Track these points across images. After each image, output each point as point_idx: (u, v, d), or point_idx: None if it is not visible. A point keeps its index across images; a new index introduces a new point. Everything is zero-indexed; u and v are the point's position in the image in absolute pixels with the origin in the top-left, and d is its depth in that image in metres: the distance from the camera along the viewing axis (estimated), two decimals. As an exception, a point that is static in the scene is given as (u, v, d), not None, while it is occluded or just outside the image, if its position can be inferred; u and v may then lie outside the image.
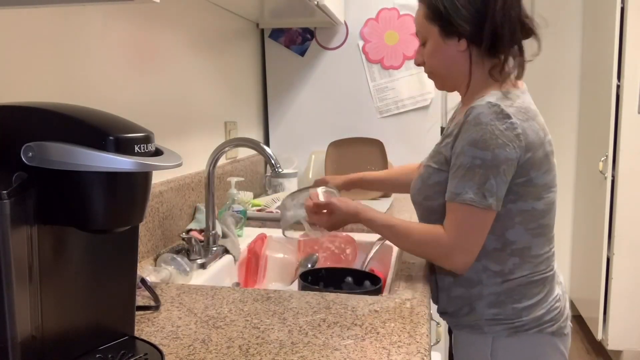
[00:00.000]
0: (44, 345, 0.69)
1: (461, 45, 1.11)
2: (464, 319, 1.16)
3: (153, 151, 0.69)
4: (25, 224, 0.64)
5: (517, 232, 1.08)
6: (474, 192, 1.02)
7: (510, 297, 1.10)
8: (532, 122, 1.04)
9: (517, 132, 1.01)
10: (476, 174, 1.02)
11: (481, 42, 1.09)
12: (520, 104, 1.05)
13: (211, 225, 1.37)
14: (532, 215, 1.08)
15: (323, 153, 2.17)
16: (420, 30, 1.16)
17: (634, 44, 2.61)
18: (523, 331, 1.10)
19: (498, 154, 1.00)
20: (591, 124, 3.08)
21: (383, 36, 2.19)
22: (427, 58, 1.16)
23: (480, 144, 1.01)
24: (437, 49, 1.14)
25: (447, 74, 1.16)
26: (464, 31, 1.09)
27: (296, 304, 1.00)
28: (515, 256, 1.10)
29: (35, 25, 0.98)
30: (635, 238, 2.76)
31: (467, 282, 1.13)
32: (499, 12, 1.06)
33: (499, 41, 1.08)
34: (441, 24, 1.11)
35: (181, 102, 1.54)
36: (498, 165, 1.01)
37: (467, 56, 1.12)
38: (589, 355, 3.00)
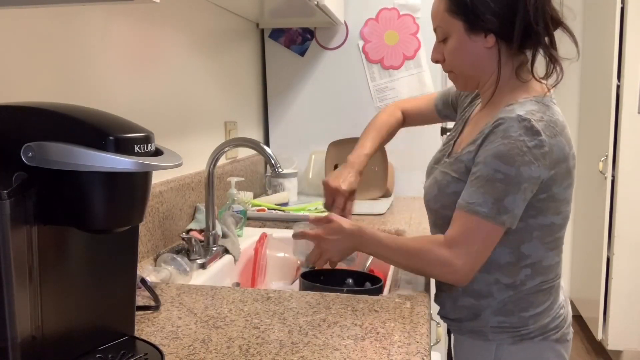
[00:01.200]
0: (44, 345, 0.69)
1: (488, 41, 1.03)
2: (467, 325, 1.12)
3: (153, 151, 0.69)
4: (25, 224, 0.64)
5: (533, 246, 1.04)
6: (489, 207, 0.96)
7: (518, 305, 1.07)
8: (560, 137, 0.98)
9: (545, 150, 0.95)
10: (496, 188, 0.96)
11: (510, 38, 1.01)
12: (550, 117, 0.99)
13: (211, 225, 1.37)
14: (550, 230, 1.04)
15: (323, 153, 2.17)
16: (441, 25, 1.07)
17: (634, 44, 2.61)
18: (528, 339, 1.07)
19: (523, 171, 0.95)
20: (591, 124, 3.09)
21: (383, 36, 2.19)
22: (449, 56, 1.08)
23: (506, 158, 0.95)
24: (461, 45, 1.05)
25: (472, 73, 1.08)
26: (493, 25, 1.01)
27: (296, 304, 1.00)
28: (528, 268, 1.06)
29: (35, 25, 0.98)
30: (635, 238, 2.76)
31: (477, 293, 1.09)
32: (533, 5, 0.99)
33: (531, 37, 1.02)
34: (467, 18, 1.02)
35: (181, 102, 1.54)
36: (520, 182, 0.95)
37: (494, 53, 1.04)
38: (589, 355, 3.00)
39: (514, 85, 1.06)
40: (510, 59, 1.05)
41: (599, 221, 2.86)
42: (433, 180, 1.13)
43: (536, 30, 1.01)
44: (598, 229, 2.86)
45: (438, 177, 1.11)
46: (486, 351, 1.10)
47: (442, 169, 1.11)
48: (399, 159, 2.19)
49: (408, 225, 1.63)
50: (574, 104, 3.32)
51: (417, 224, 1.65)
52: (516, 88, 1.06)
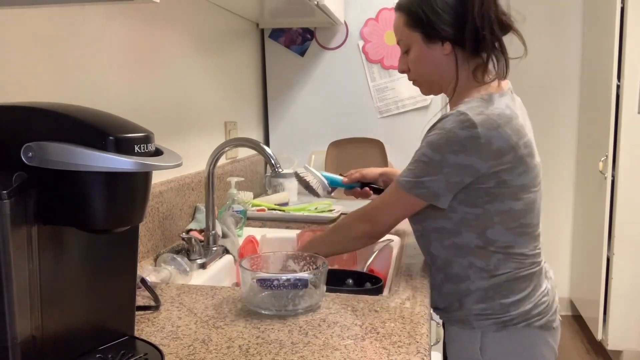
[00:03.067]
0: (44, 345, 0.69)
1: (445, 48, 1.13)
2: (454, 314, 1.19)
3: (153, 151, 0.69)
4: (25, 224, 0.64)
5: (497, 232, 1.11)
6: (407, 180, 1.09)
7: (498, 292, 1.13)
8: (502, 129, 1.04)
9: (480, 142, 1.03)
10: (418, 168, 1.08)
11: (464, 44, 1.11)
12: (493, 111, 1.06)
13: (211, 225, 1.37)
14: (512, 215, 1.10)
15: (323, 153, 2.17)
16: (402, 38, 1.18)
17: (634, 44, 2.61)
18: (511, 325, 1.13)
19: (447, 157, 1.04)
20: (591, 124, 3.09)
21: (383, 36, 2.19)
22: (413, 65, 1.18)
23: (434, 145, 1.06)
24: (422, 54, 1.16)
25: (434, 78, 1.18)
26: (447, 34, 1.11)
27: (296, 304, 1.00)
28: (499, 253, 1.12)
29: (35, 25, 0.98)
30: (635, 238, 2.76)
31: (456, 278, 1.16)
32: (478, 12, 1.08)
33: (481, 41, 1.10)
34: (423, 30, 1.13)
35: (181, 102, 1.54)
36: (442, 167, 1.05)
37: (452, 59, 1.14)
38: (589, 355, 3.00)
39: (471, 86, 1.15)
40: (466, 62, 1.15)
41: (599, 221, 2.86)
42: None
43: (483, 35, 1.09)
44: (598, 229, 2.86)
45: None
46: (472, 339, 1.15)
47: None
48: (399, 158, 2.19)
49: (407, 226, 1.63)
50: (574, 104, 3.32)
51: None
52: (472, 88, 1.14)
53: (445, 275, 1.18)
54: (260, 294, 0.97)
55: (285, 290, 0.96)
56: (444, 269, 1.18)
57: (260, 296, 0.98)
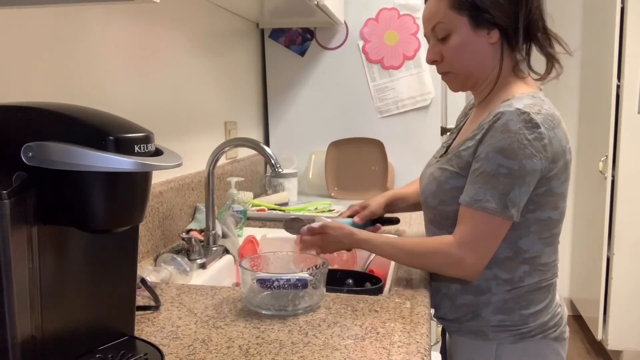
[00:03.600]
0: (44, 345, 0.69)
1: (492, 37, 1.03)
2: (466, 325, 1.12)
3: (153, 151, 0.69)
4: (25, 224, 0.64)
5: (530, 241, 1.05)
6: (496, 202, 0.97)
7: (518, 303, 1.07)
8: (558, 130, 0.99)
9: (544, 142, 0.96)
10: (500, 183, 0.96)
11: (514, 34, 1.02)
12: (547, 110, 0.99)
13: (211, 225, 1.37)
14: (547, 225, 1.05)
15: (323, 153, 2.17)
16: (444, 21, 1.05)
17: (634, 44, 2.61)
18: (529, 337, 1.07)
19: (525, 164, 0.95)
20: (591, 124, 3.09)
21: (383, 36, 2.19)
22: (451, 53, 1.06)
23: (508, 152, 0.95)
24: (466, 41, 1.04)
25: (472, 70, 1.08)
26: (499, 21, 1.01)
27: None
28: (526, 264, 1.06)
29: (35, 25, 0.98)
30: (635, 238, 2.76)
31: (476, 289, 1.09)
32: (537, 3, 1.01)
33: (533, 34, 1.03)
34: (472, 13, 1.02)
35: (181, 102, 1.54)
36: (524, 175, 0.96)
37: (497, 49, 1.05)
38: (589, 355, 3.00)
39: (510, 82, 1.07)
40: (510, 55, 1.06)
41: (599, 221, 2.86)
42: (431, 177, 1.12)
43: (537, 26, 1.03)
44: (598, 229, 2.86)
45: (436, 174, 1.11)
46: (486, 351, 1.09)
47: (440, 166, 1.11)
48: (399, 158, 2.19)
49: (408, 225, 1.63)
50: (574, 104, 3.32)
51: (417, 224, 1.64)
52: (512, 84, 1.07)
53: (462, 286, 1.10)
54: (260, 294, 0.98)
55: (285, 290, 0.96)
56: (462, 280, 1.09)
57: (260, 296, 0.98)
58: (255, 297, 0.98)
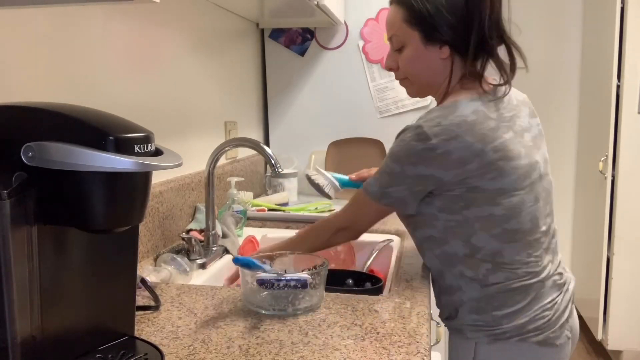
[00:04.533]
0: (44, 345, 0.69)
1: (443, 52, 1.08)
2: (451, 323, 1.16)
3: (153, 151, 0.69)
4: (25, 224, 0.64)
5: (481, 238, 1.06)
6: (376, 188, 1.09)
7: (490, 304, 1.08)
8: (462, 137, 1.00)
9: (436, 152, 1.01)
10: (382, 178, 1.09)
11: (464, 50, 1.06)
12: (452, 120, 1.01)
13: (211, 225, 1.37)
14: (491, 221, 1.05)
15: (323, 153, 2.17)
16: (398, 34, 1.11)
17: (634, 44, 2.61)
18: (504, 339, 1.08)
19: (406, 169, 1.04)
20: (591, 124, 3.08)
21: (383, 36, 2.19)
22: (405, 64, 1.13)
23: (394, 156, 1.06)
24: (417, 55, 1.10)
25: (425, 81, 1.13)
26: (449, 38, 1.06)
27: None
28: (487, 262, 1.07)
29: (35, 25, 0.98)
30: (635, 238, 2.76)
31: (449, 289, 1.13)
32: (488, 20, 1.03)
33: (485, 49, 1.06)
34: (424, 29, 1.07)
35: (181, 102, 1.54)
36: (403, 178, 1.05)
37: (448, 64, 1.09)
38: (589, 355, 3.00)
39: (454, 91, 1.10)
40: (460, 68, 1.10)
41: (599, 221, 2.86)
42: None
43: (490, 44, 1.05)
44: (598, 229, 2.86)
45: None
46: (466, 349, 1.12)
47: None
48: (399, 159, 2.19)
49: (408, 225, 1.63)
50: (574, 104, 3.32)
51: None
52: (454, 94, 1.09)
53: (439, 286, 1.17)
54: (260, 294, 0.98)
55: (285, 290, 0.96)
56: (438, 280, 1.16)
57: (260, 296, 0.98)
58: (255, 297, 0.98)
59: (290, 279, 0.95)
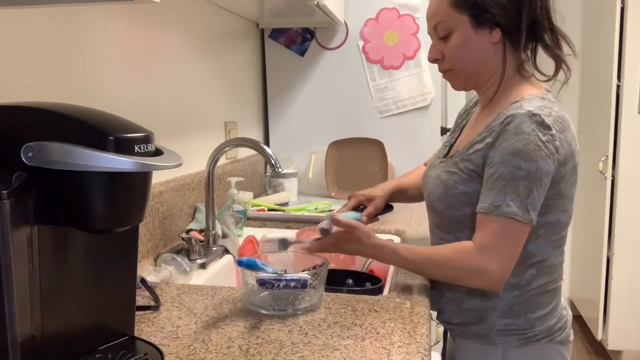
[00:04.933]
0: (44, 345, 0.69)
1: (494, 36, 1.02)
2: (471, 329, 1.11)
3: (153, 151, 0.69)
4: (25, 224, 0.64)
5: (539, 245, 1.03)
6: (517, 206, 0.94)
7: (525, 307, 1.06)
8: (567, 132, 0.98)
9: (556, 144, 0.95)
10: (519, 186, 0.94)
11: (516, 34, 1.01)
12: (557, 113, 0.98)
13: (211, 225, 1.37)
14: (556, 228, 1.03)
15: (323, 153, 2.17)
16: (444, 20, 1.04)
17: (634, 44, 2.61)
18: (535, 341, 1.06)
19: (542, 165, 0.94)
20: (591, 124, 3.08)
21: (383, 36, 2.19)
22: (453, 52, 1.05)
23: (524, 154, 0.93)
24: (467, 41, 1.03)
25: (475, 69, 1.06)
26: (501, 19, 1.00)
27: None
28: (533, 267, 1.05)
29: (35, 25, 0.98)
30: (635, 238, 2.76)
31: (483, 294, 1.07)
32: (540, 3, 1.00)
33: (537, 33, 1.02)
34: (473, 12, 1.00)
35: (181, 102, 1.54)
36: (541, 177, 0.94)
37: (499, 49, 1.03)
38: (589, 355, 3.00)
39: (516, 83, 1.06)
40: (513, 55, 1.05)
41: (599, 221, 2.86)
42: (437, 180, 1.10)
43: (542, 26, 1.01)
44: (598, 229, 2.86)
45: (443, 177, 1.08)
46: (492, 355, 1.08)
47: (447, 169, 1.08)
48: (399, 158, 2.19)
49: (408, 226, 1.63)
50: (574, 104, 3.31)
51: (417, 224, 1.64)
52: (518, 85, 1.05)
53: (469, 290, 1.08)
54: (260, 294, 0.98)
55: (285, 290, 0.96)
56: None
57: (260, 296, 0.98)
58: (255, 297, 0.98)
59: (290, 279, 0.95)
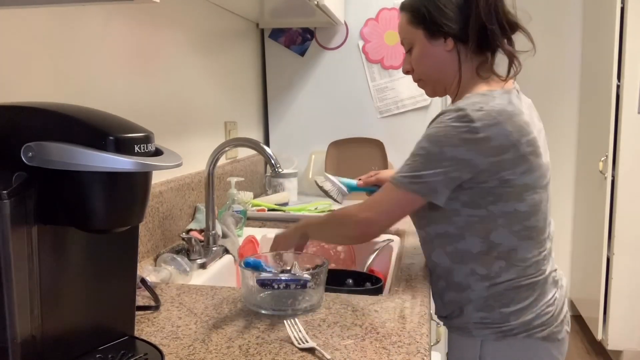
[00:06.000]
0: (44, 345, 0.69)
1: (448, 44, 1.12)
2: (454, 322, 1.16)
3: (153, 151, 0.69)
4: (25, 224, 0.64)
5: (501, 235, 1.08)
6: (404, 174, 1.06)
7: (498, 301, 1.10)
8: (502, 125, 1.01)
9: (478, 136, 1.00)
10: (415, 161, 1.05)
11: (467, 40, 1.10)
12: (493, 107, 1.03)
13: (211, 225, 1.37)
14: (516, 217, 1.07)
15: (323, 153, 2.17)
16: (406, 37, 1.17)
17: (634, 44, 2.61)
18: (511, 335, 1.09)
19: (446, 151, 1.02)
20: (591, 124, 3.08)
21: (383, 36, 2.19)
22: (416, 63, 1.17)
23: (432, 137, 1.04)
24: (424, 51, 1.14)
25: (437, 77, 1.17)
26: (450, 30, 1.10)
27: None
28: (501, 259, 1.09)
29: (35, 25, 0.98)
30: (635, 238, 2.76)
31: (457, 286, 1.13)
32: (484, 7, 1.06)
33: (487, 37, 1.09)
34: (425, 26, 1.12)
35: (181, 102, 1.54)
36: (441, 160, 1.02)
37: (455, 55, 1.12)
38: (589, 355, 3.00)
39: (475, 84, 1.13)
40: (469, 60, 1.13)
41: (599, 221, 2.86)
42: None
43: (491, 29, 1.08)
44: (598, 229, 2.86)
45: None
46: (472, 347, 1.13)
47: None
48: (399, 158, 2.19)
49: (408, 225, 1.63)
50: (574, 104, 3.32)
51: (417, 224, 1.64)
52: (475, 86, 1.12)
53: (447, 283, 1.15)
54: (260, 294, 0.98)
55: (285, 290, 0.96)
56: (446, 277, 1.15)
57: (260, 296, 0.98)
58: (255, 297, 0.98)
59: (290, 280, 0.95)
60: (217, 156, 1.34)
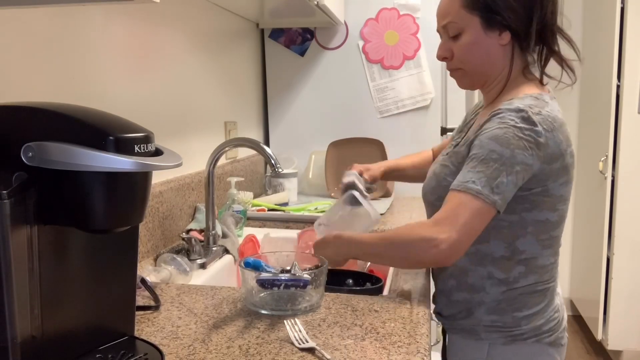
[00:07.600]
0: (44, 345, 0.69)
1: (503, 38, 1.04)
2: (460, 323, 1.12)
3: (153, 151, 0.69)
4: (25, 224, 0.64)
5: (527, 242, 1.05)
6: (482, 184, 0.95)
7: (511, 305, 1.07)
8: (557, 132, 0.99)
9: (540, 141, 0.97)
10: (490, 167, 0.96)
11: (525, 37, 1.03)
12: (549, 113, 1.00)
13: (211, 225, 1.37)
14: (545, 226, 1.05)
15: (323, 153, 2.17)
16: (455, 20, 1.06)
17: (634, 44, 2.61)
18: (521, 340, 1.07)
19: (517, 154, 0.95)
20: (591, 124, 3.09)
21: (383, 36, 2.19)
22: (462, 52, 1.07)
23: (501, 139, 0.96)
24: (476, 41, 1.05)
25: (482, 70, 1.09)
26: (511, 22, 1.02)
27: (296, 304, 1.00)
28: (521, 265, 1.06)
29: (35, 25, 0.98)
30: (635, 238, 2.76)
31: (470, 287, 1.09)
32: (552, 7, 1.02)
33: (546, 38, 1.04)
34: (484, 14, 1.03)
35: (181, 102, 1.54)
36: (514, 164, 0.95)
37: (507, 51, 1.06)
38: (589, 355, 3.00)
39: (519, 84, 1.08)
40: (520, 57, 1.08)
41: (599, 221, 2.86)
42: (432, 174, 1.14)
43: (551, 30, 1.04)
44: (598, 229, 2.86)
45: (437, 171, 1.13)
46: (478, 351, 1.09)
47: (442, 163, 1.13)
48: (399, 159, 2.19)
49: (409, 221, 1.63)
50: (574, 104, 3.32)
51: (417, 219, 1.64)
52: (520, 86, 1.07)
53: (458, 283, 1.11)
54: (260, 294, 0.98)
55: (285, 290, 0.96)
56: (458, 277, 1.11)
57: (260, 296, 0.98)
58: (255, 297, 0.98)
59: (290, 280, 0.95)
60: (217, 156, 1.34)
